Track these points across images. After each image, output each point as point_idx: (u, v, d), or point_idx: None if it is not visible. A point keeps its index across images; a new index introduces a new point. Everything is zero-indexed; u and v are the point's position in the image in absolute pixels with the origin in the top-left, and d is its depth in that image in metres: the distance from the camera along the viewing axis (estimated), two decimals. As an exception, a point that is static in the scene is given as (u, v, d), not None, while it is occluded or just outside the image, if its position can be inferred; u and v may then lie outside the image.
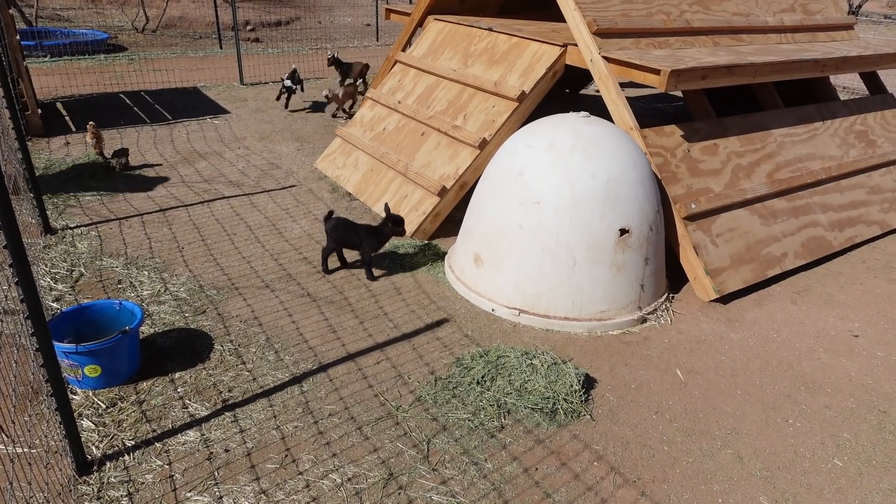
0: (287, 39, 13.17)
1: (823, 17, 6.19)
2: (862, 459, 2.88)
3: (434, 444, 2.80)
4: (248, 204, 5.20)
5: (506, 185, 3.80)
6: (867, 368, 3.54)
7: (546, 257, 3.64)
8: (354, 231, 4.12)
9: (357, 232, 4.11)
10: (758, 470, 2.78)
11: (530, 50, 4.98)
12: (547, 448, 2.82)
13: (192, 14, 13.90)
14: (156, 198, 5.20)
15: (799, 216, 4.71)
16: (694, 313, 3.98)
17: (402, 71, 6.00)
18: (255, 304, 3.78)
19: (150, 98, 8.22)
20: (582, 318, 3.70)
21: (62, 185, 5.26)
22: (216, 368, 3.21)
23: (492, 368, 3.20)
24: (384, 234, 4.11)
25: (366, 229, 4.13)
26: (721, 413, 3.11)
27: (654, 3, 5.00)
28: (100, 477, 2.53)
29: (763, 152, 4.81)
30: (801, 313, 4.06)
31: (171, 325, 3.53)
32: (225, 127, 7.21)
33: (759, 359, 3.57)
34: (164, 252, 4.33)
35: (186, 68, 9.83)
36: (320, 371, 3.23)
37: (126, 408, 2.91)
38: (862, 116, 5.77)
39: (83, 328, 3.14)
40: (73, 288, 3.83)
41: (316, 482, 2.57)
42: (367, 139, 5.65)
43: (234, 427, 2.83)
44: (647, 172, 3.81)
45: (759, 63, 4.51)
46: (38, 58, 9.72)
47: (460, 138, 4.83)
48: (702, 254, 4.08)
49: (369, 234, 4.11)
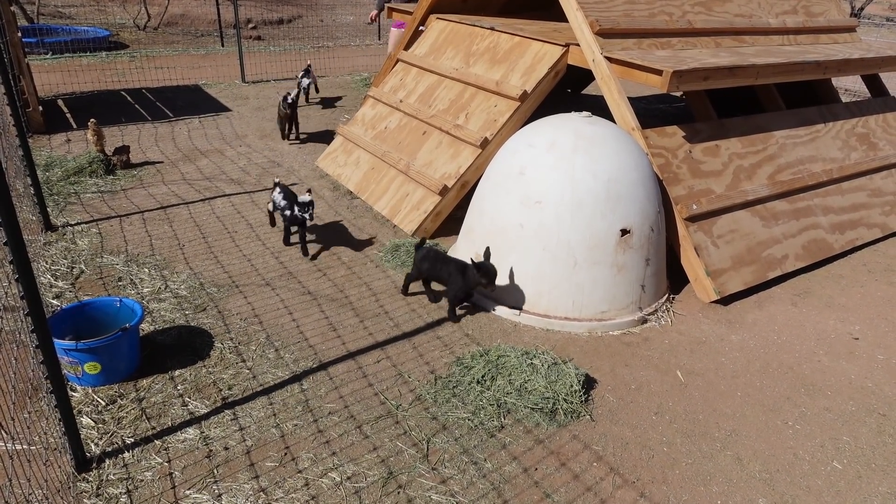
0: (289, 38, 13.16)
1: (826, 20, 6.19)
2: (861, 462, 2.88)
3: (434, 444, 2.79)
4: (248, 202, 5.20)
5: (507, 185, 3.80)
6: (867, 371, 3.54)
7: (547, 257, 3.64)
8: (444, 264, 3.74)
9: (447, 266, 3.73)
10: (757, 472, 2.78)
11: (532, 49, 4.98)
12: (546, 448, 2.82)
13: (194, 12, 13.89)
14: (157, 195, 5.20)
15: (800, 218, 4.70)
16: (694, 314, 3.98)
17: (403, 70, 5.99)
18: (255, 302, 3.78)
19: (151, 95, 8.21)
20: (582, 318, 3.70)
21: (63, 182, 5.26)
22: (216, 366, 3.20)
23: (492, 368, 3.20)
24: (470, 279, 3.62)
25: (456, 265, 3.71)
26: (721, 415, 3.11)
27: (656, 4, 4.99)
28: (99, 474, 2.53)
29: (764, 154, 4.81)
30: (801, 315, 4.06)
31: (172, 322, 3.53)
32: (226, 124, 7.21)
33: (759, 361, 3.56)
34: (164, 249, 4.32)
35: (188, 66, 9.83)
36: (320, 369, 3.23)
37: (126, 405, 2.91)
38: (863, 119, 5.76)
39: (83, 325, 3.14)
40: (74, 285, 3.83)
41: (315, 480, 2.57)
42: (368, 138, 5.65)
43: (233, 425, 2.83)
44: (648, 173, 3.80)
45: (761, 64, 4.51)
46: (39, 55, 9.72)
47: (462, 137, 4.82)
48: (703, 255, 4.08)
49: (458, 272, 3.68)
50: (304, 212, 4.21)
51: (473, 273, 3.58)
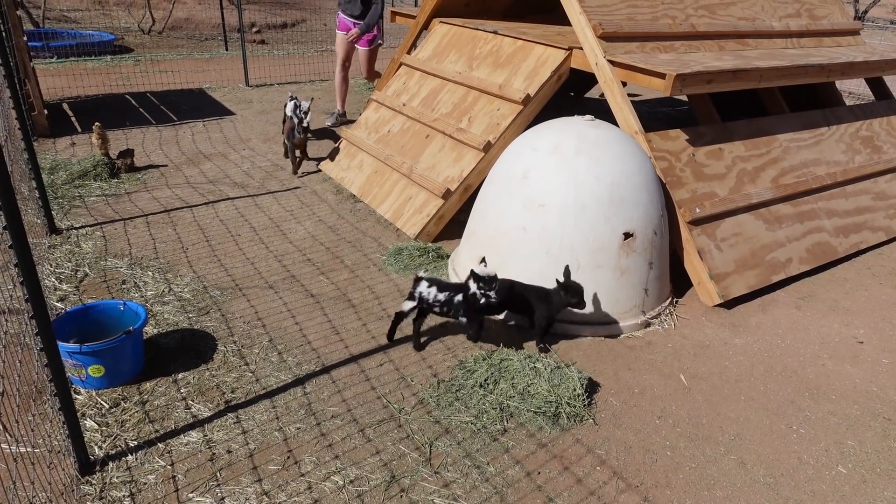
0: (292, 41, 13.20)
1: (829, 23, 6.18)
2: (866, 467, 2.87)
3: (436, 447, 2.79)
4: (252, 205, 5.21)
5: (510, 188, 3.80)
6: (872, 375, 3.53)
7: (550, 261, 3.63)
8: (524, 293, 3.51)
9: (527, 295, 3.51)
10: (761, 476, 2.77)
11: (535, 53, 4.98)
12: (549, 452, 2.81)
13: (198, 16, 13.95)
14: (160, 198, 5.22)
15: (804, 221, 4.69)
16: (698, 318, 3.97)
17: (407, 73, 6.00)
18: (258, 305, 3.78)
19: (155, 99, 8.25)
20: (585, 321, 3.68)
21: (67, 185, 5.28)
22: (219, 369, 3.21)
23: (494, 371, 3.19)
24: (557, 301, 3.45)
25: (537, 293, 3.51)
26: (725, 419, 3.10)
27: (659, 8, 5.00)
28: (102, 477, 2.54)
29: (768, 157, 4.80)
30: (805, 319, 4.05)
31: (175, 325, 3.54)
32: (230, 128, 7.23)
33: (763, 364, 3.55)
34: (168, 253, 4.34)
35: (192, 70, 9.87)
36: (323, 373, 3.23)
37: (129, 408, 2.92)
38: (868, 122, 5.75)
39: (87, 328, 3.15)
40: (78, 288, 3.84)
41: (318, 484, 2.56)
42: (371, 141, 5.66)
43: (236, 428, 2.83)
44: (651, 176, 3.80)
45: (765, 68, 4.50)
46: (44, 59, 9.76)
47: (465, 141, 4.83)
48: (706, 258, 4.07)
49: (541, 300, 3.48)
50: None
51: (560, 295, 3.40)
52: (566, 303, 3.42)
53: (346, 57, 7.30)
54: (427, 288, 3.40)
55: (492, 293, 3.29)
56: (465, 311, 3.37)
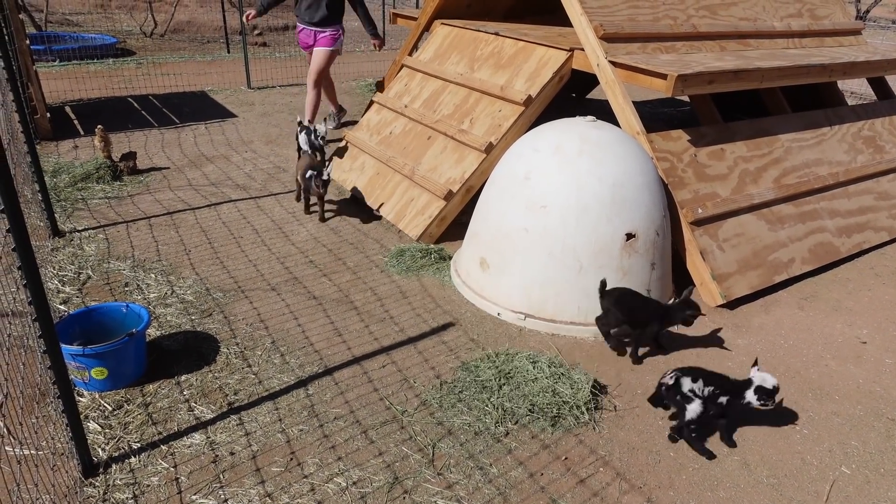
0: (294, 44, 13.22)
1: (831, 22, 6.17)
2: (870, 467, 2.86)
3: (439, 449, 2.79)
4: (254, 207, 5.22)
5: (512, 189, 3.80)
6: (875, 376, 3.52)
7: (552, 262, 3.63)
8: (643, 306, 3.41)
9: (646, 308, 3.41)
10: (765, 477, 2.76)
11: (537, 54, 4.98)
12: (552, 453, 2.81)
13: (200, 19, 13.97)
14: (163, 201, 5.23)
15: (806, 222, 4.69)
16: (700, 318, 3.96)
17: (408, 75, 6.01)
18: (261, 307, 3.79)
19: (157, 102, 8.26)
20: (588, 322, 3.68)
21: (70, 188, 5.29)
22: (222, 371, 3.21)
23: (497, 373, 3.19)
24: (677, 315, 3.39)
25: (656, 308, 3.44)
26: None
27: (660, 8, 5.00)
28: (106, 479, 2.54)
29: (770, 157, 4.79)
30: (808, 319, 4.04)
31: (178, 327, 3.54)
32: (232, 130, 7.24)
33: (766, 365, 3.54)
34: (171, 255, 4.34)
35: (194, 72, 9.88)
36: (326, 374, 3.23)
37: (132, 410, 2.92)
38: (870, 122, 5.74)
39: (90, 330, 3.15)
40: (81, 290, 3.85)
41: (321, 486, 2.57)
42: (373, 143, 5.66)
43: (239, 430, 2.83)
44: (653, 177, 3.80)
45: (766, 68, 4.50)
46: (47, 62, 9.79)
47: (466, 142, 4.83)
48: (708, 259, 4.07)
49: (657, 316, 3.40)
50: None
51: (679, 310, 3.37)
52: (684, 318, 3.39)
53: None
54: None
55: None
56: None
